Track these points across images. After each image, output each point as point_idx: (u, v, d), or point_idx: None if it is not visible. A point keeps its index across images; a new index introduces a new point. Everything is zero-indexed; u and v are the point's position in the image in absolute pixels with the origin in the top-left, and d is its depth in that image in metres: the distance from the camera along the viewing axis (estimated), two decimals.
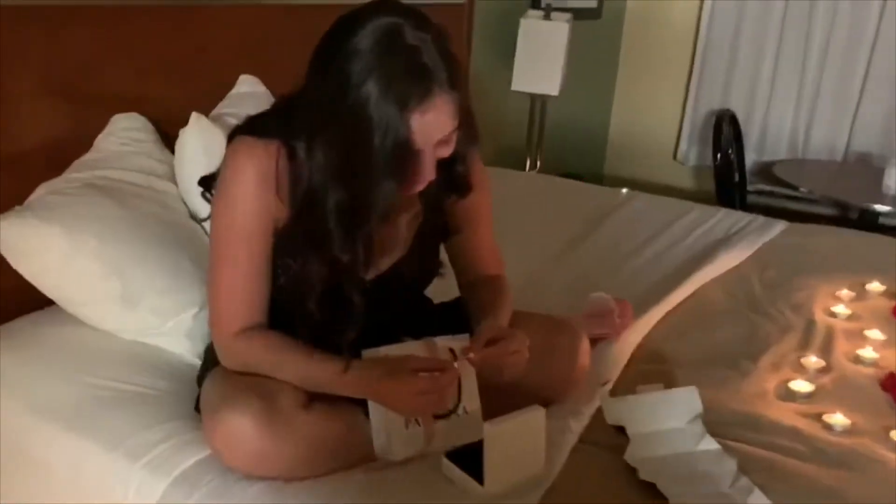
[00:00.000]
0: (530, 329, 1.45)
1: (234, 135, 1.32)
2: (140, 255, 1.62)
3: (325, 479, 1.30)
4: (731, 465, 1.34)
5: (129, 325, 1.64)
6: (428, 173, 1.23)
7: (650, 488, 1.28)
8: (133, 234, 1.64)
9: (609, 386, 1.46)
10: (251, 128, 1.31)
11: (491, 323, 1.34)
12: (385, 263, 1.41)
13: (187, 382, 1.53)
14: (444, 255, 1.52)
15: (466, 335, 1.41)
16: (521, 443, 1.23)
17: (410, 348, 1.37)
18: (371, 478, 1.31)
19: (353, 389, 1.29)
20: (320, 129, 1.20)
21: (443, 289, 1.55)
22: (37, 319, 1.67)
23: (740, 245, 2.33)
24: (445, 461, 1.30)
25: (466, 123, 1.25)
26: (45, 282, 1.60)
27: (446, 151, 1.24)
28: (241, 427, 1.22)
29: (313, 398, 1.32)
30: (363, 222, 1.23)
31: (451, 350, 1.41)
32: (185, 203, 1.81)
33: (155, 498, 1.31)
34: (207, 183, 1.37)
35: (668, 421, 1.40)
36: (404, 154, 1.18)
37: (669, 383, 1.59)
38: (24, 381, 1.52)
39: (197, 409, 1.42)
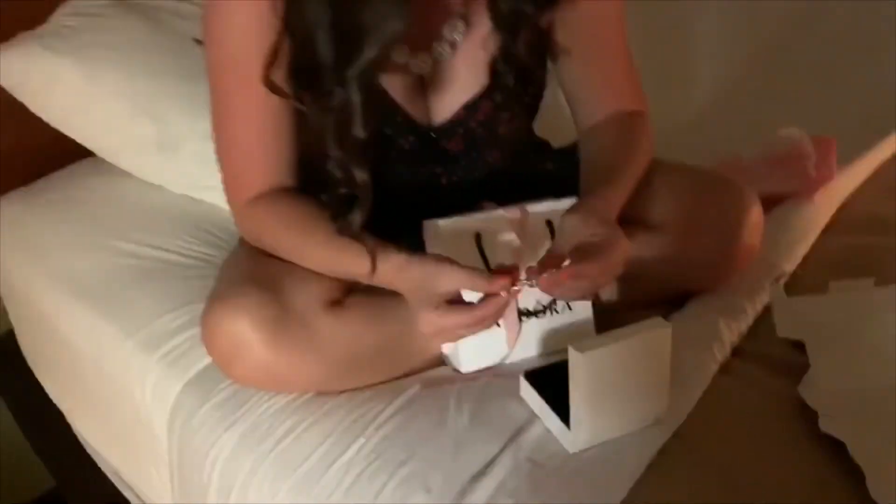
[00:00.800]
0: (669, 187, 1.01)
1: None
2: (173, 90, 1.29)
3: (369, 393, 0.97)
4: None
5: (173, 175, 1.35)
6: None
7: (835, 445, 0.84)
8: (166, 64, 1.31)
9: (784, 280, 0.97)
10: None
11: (584, 215, 0.89)
12: (448, 104, 0.99)
13: (231, 248, 1.23)
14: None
15: (573, 200, 0.99)
16: (625, 375, 0.82)
17: (482, 221, 0.96)
18: (426, 396, 0.96)
19: (387, 278, 0.92)
20: None
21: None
22: (76, 170, 1.41)
23: None
24: (524, 383, 0.92)
25: None
26: (70, 126, 1.33)
27: None
28: (238, 332, 0.89)
29: (351, 288, 0.97)
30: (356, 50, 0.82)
31: (549, 225, 0.99)
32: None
33: (169, 402, 1.05)
34: None
35: (875, 336, 0.93)
36: None
37: (884, 275, 1.08)
38: (53, 247, 1.29)
39: None
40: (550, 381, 0.90)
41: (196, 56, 1.28)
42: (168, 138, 1.31)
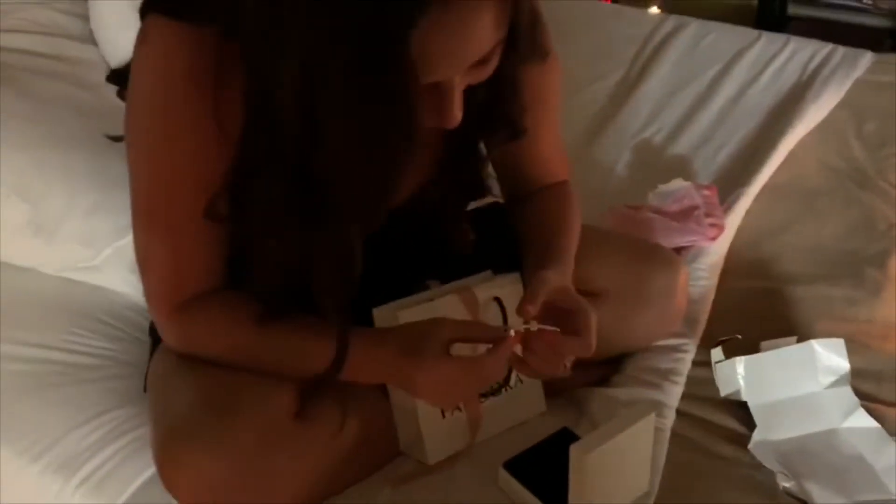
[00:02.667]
0: (605, 256, 1.04)
1: (146, 8, 0.81)
2: (50, 164, 1.15)
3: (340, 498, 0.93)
4: (890, 450, 0.97)
5: (51, 258, 1.20)
6: (451, 113, 0.78)
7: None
8: (37, 134, 1.16)
9: (721, 344, 1.05)
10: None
11: (552, 274, 0.90)
12: (406, 191, 0.96)
13: (134, 339, 1.13)
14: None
15: (516, 275, 1.00)
16: (621, 461, 0.85)
17: (438, 305, 0.95)
18: (400, 496, 0.93)
19: (358, 374, 0.88)
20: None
21: None
22: None
23: (826, 89, 1.84)
24: (503, 474, 0.92)
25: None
26: None
27: (481, 75, 0.78)
28: (214, 474, 0.81)
29: (304, 393, 0.91)
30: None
31: (499, 302, 0.99)
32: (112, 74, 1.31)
33: None
34: (123, 78, 0.88)
35: (805, 384, 1.02)
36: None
37: (782, 309, 1.20)
38: None
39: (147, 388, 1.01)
40: (529, 467, 0.91)
41: (66, 119, 1.17)
42: (44, 219, 1.16)
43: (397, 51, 0.67)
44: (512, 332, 0.87)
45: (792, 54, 2.01)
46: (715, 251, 1.29)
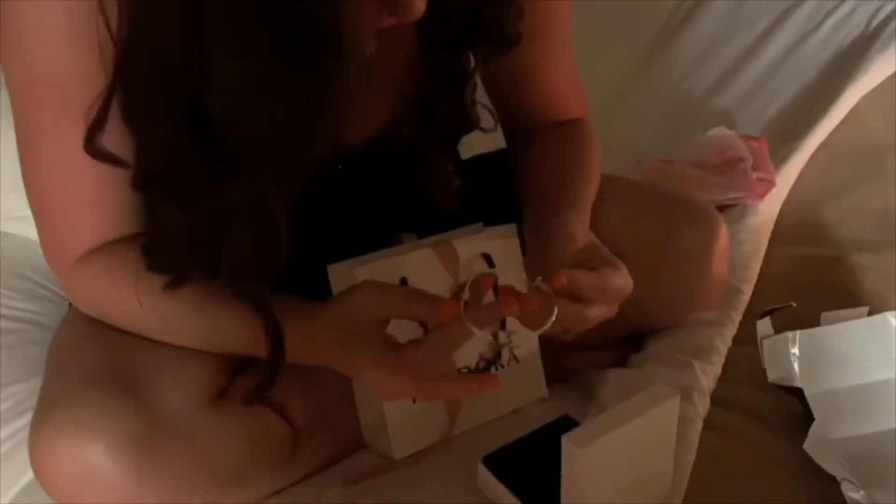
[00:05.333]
0: (629, 210, 0.85)
1: None
2: None
3: (273, 501, 0.73)
4: None
5: None
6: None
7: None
8: None
9: (769, 315, 0.83)
10: None
11: (578, 229, 0.70)
12: (368, 127, 0.77)
13: (62, 300, 0.95)
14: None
15: (511, 226, 0.80)
16: (631, 457, 0.64)
17: (404, 260, 0.75)
18: (353, 496, 0.74)
19: (298, 355, 0.68)
20: None
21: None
22: None
23: (894, 41, 1.62)
24: (483, 471, 0.72)
25: None
26: None
27: None
28: (90, 461, 0.63)
29: (240, 366, 0.72)
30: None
31: (487, 259, 0.79)
32: None
33: None
34: None
35: (879, 369, 0.80)
36: None
37: (844, 279, 0.97)
38: None
39: None
40: (515, 464, 0.71)
41: None
42: None
43: None
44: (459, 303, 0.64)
45: (854, 8, 1.78)
46: (763, 211, 1.07)
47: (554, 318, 0.63)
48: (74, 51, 0.61)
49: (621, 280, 0.65)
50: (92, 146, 0.63)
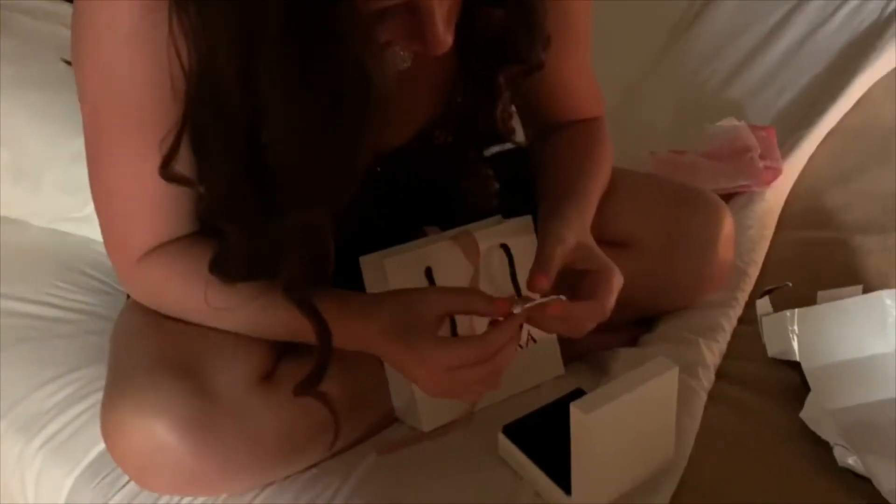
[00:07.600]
0: (639, 201, 0.91)
1: None
2: (25, 104, 1.07)
3: (315, 471, 0.81)
4: None
5: (35, 207, 1.13)
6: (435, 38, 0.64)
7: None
8: (21, 77, 1.08)
9: (768, 295, 0.89)
10: None
11: (567, 230, 0.76)
12: (405, 133, 0.84)
13: (117, 293, 1.03)
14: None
15: (528, 218, 0.86)
16: (634, 424, 0.71)
17: (429, 251, 0.82)
18: (386, 464, 0.81)
19: (346, 345, 0.75)
20: None
21: None
22: None
23: None
24: (503, 440, 0.79)
25: None
26: None
27: None
28: (156, 438, 0.71)
29: (286, 349, 0.80)
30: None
31: (506, 249, 0.86)
32: None
33: (61, 498, 0.85)
34: None
35: (872, 344, 0.85)
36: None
37: (848, 260, 1.02)
38: None
39: None
40: (532, 433, 0.78)
41: (52, 62, 1.08)
42: (26, 165, 1.08)
43: None
44: (517, 310, 0.72)
45: None
46: (770, 198, 1.12)
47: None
48: (148, 79, 0.69)
49: (609, 293, 0.73)
50: (167, 172, 0.71)
